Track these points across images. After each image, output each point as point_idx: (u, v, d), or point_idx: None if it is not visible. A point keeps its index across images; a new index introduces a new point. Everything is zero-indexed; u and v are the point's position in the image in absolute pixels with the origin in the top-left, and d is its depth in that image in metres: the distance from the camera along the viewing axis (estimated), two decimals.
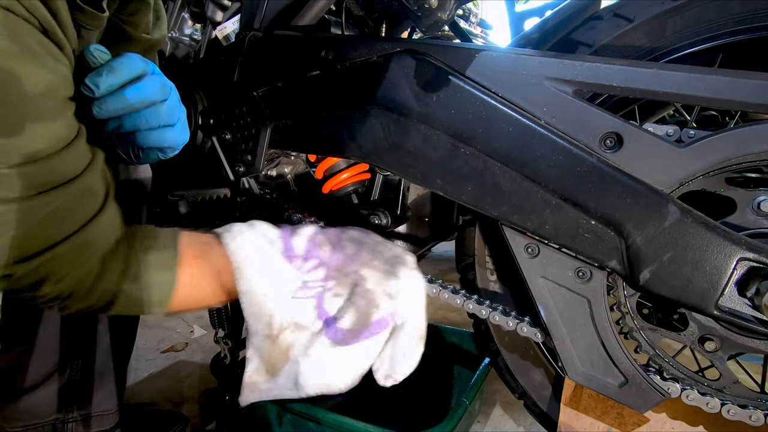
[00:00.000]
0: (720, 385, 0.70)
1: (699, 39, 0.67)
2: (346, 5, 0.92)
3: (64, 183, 0.50)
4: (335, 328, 0.61)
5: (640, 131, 0.60)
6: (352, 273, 0.63)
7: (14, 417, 0.89)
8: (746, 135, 0.58)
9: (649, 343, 0.72)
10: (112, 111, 0.61)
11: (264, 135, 0.82)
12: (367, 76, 0.72)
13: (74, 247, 0.51)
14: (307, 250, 0.64)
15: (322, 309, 0.62)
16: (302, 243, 0.65)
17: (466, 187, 0.68)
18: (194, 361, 1.41)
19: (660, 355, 0.72)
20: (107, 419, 0.95)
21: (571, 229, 0.64)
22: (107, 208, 0.55)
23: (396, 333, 0.63)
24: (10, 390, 0.89)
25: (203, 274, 0.61)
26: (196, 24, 1.08)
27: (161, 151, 0.68)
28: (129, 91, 0.60)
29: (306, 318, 0.61)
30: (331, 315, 0.62)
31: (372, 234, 0.69)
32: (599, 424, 0.77)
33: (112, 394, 0.96)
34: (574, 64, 0.62)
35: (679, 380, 0.70)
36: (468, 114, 0.66)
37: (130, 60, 0.60)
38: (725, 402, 0.66)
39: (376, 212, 0.85)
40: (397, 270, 0.64)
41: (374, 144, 0.73)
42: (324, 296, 0.62)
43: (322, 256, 0.64)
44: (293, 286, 0.62)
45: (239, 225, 0.64)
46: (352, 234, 0.68)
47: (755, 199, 0.62)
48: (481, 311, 0.77)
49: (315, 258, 0.64)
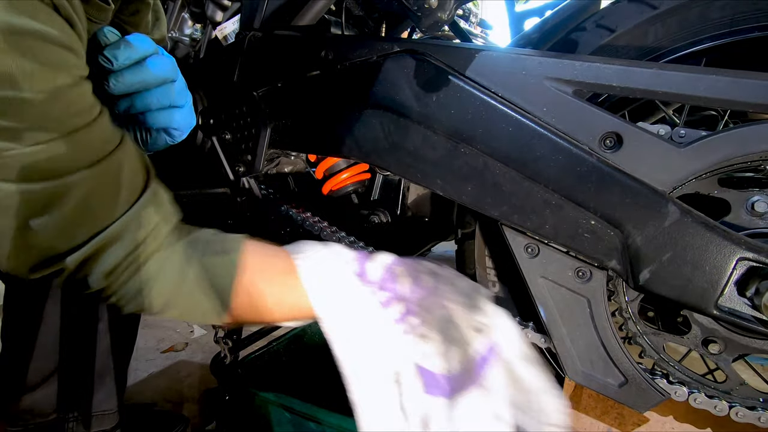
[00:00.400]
0: (727, 388, 0.69)
1: (697, 40, 0.67)
2: (346, 5, 0.92)
3: (103, 157, 0.49)
4: (435, 378, 0.52)
5: (639, 131, 0.60)
6: (438, 308, 0.55)
7: (15, 416, 0.89)
8: (746, 135, 0.58)
9: (653, 347, 0.71)
10: (129, 84, 0.61)
11: (264, 135, 0.82)
12: (367, 76, 0.72)
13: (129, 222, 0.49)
14: (383, 279, 0.57)
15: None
16: (377, 271, 0.57)
17: (466, 187, 0.68)
18: (194, 361, 1.41)
19: (665, 359, 0.72)
20: (107, 419, 0.95)
21: (570, 229, 0.64)
22: (151, 186, 0.53)
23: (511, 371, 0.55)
24: (10, 390, 0.89)
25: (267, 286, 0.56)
26: (196, 24, 1.08)
27: (168, 134, 0.68)
28: (147, 64, 0.61)
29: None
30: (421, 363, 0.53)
31: (444, 265, 0.62)
32: (599, 424, 0.77)
33: (112, 394, 0.96)
34: (574, 64, 0.62)
35: (685, 384, 0.69)
36: (468, 114, 0.66)
37: (143, 38, 0.61)
38: (733, 404, 0.65)
39: (376, 212, 0.85)
40: (478, 302, 0.57)
41: (374, 144, 0.73)
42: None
43: (399, 290, 0.56)
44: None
45: (311, 242, 0.59)
46: (428, 265, 0.61)
47: (749, 199, 0.62)
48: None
49: (390, 291, 0.56)
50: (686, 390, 0.67)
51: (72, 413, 0.92)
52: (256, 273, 0.56)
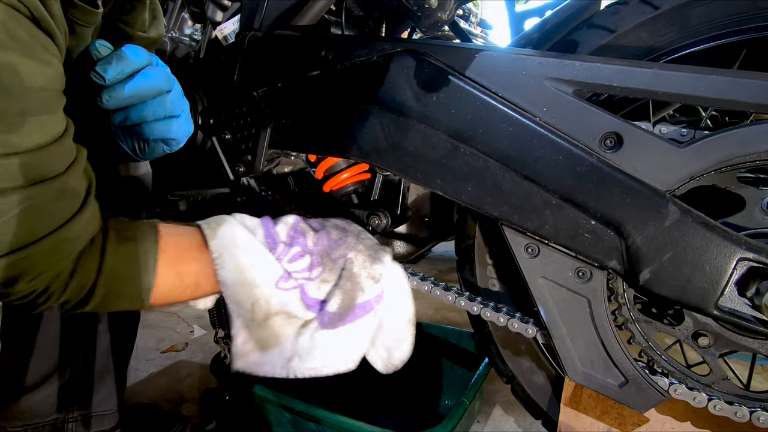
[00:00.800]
0: (709, 381, 0.70)
1: (697, 40, 0.67)
2: (346, 5, 0.92)
3: (47, 179, 0.48)
4: (324, 312, 0.62)
5: (640, 131, 0.60)
6: (340, 257, 0.64)
7: (15, 416, 0.89)
8: (746, 135, 0.58)
9: (642, 335, 0.72)
10: (122, 99, 0.60)
11: (264, 135, 0.82)
12: (367, 76, 0.72)
13: (51, 246, 0.50)
14: (291, 236, 0.64)
15: (309, 298, 0.63)
16: (284, 230, 0.65)
17: (466, 187, 0.68)
18: (194, 361, 1.41)
19: (652, 347, 0.72)
20: (107, 419, 0.96)
21: (571, 229, 0.64)
22: (87, 208, 0.54)
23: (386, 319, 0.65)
24: (10, 390, 0.89)
25: (184, 265, 0.60)
26: (196, 24, 1.08)
27: (166, 143, 0.68)
28: (139, 77, 0.60)
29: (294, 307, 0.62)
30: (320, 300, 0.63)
31: (353, 223, 0.71)
32: (599, 424, 0.77)
33: (112, 394, 0.96)
34: (574, 64, 0.62)
35: (669, 374, 0.70)
36: (468, 114, 0.66)
37: (136, 50, 0.60)
38: (712, 397, 0.66)
39: (376, 212, 0.85)
40: (380, 255, 0.65)
41: (374, 144, 0.73)
42: (308, 286, 0.63)
43: (306, 243, 0.64)
44: (275, 276, 0.61)
45: (219, 216, 0.64)
46: (335, 222, 0.70)
47: (764, 198, 0.62)
48: (473, 308, 0.77)
49: (299, 245, 0.64)
50: (668, 380, 0.68)
51: (72, 413, 0.92)
52: (174, 257, 0.59)
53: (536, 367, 0.87)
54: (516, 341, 0.87)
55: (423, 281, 0.77)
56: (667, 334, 0.71)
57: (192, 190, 0.94)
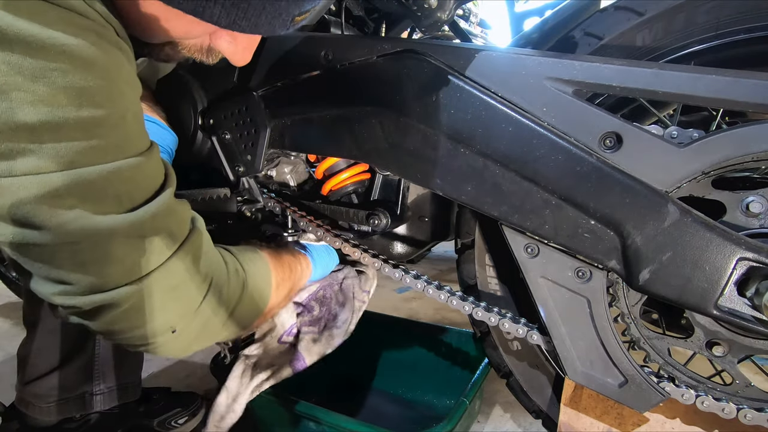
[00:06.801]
0: (733, 390, 0.69)
1: (698, 40, 0.67)
2: (346, 5, 0.92)
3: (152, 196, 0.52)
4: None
5: (639, 131, 0.60)
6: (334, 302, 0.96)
7: (45, 393, 0.94)
8: (746, 135, 0.57)
9: (657, 352, 0.71)
10: None
11: (264, 135, 0.82)
12: (367, 76, 0.72)
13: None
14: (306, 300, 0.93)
15: None
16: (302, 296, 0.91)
17: (465, 187, 0.68)
18: (194, 361, 1.41)
19: (670, 363, 0.71)
20: (131, 391, 1.01)
21: (570, 229, 0.64)
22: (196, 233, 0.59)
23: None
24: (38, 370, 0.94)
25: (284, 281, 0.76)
26: None
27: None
28: None
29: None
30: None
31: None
32: (599, 424, 0.76)
33: (133, 368, 1.03)
34: (574, 64, 0.61)
35: (692, 387, 0.68)
36: (468, 114, 0.66)
37: None
38: (741, 407, 0.65)
39: (375, 212, 0.85)
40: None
41: (374, 144, 0.73)
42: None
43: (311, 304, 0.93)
44: None
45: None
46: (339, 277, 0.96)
47: (743, 200, 0.61)
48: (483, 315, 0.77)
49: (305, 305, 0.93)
50: (693, 393, 0.66)
51: (99, 386, 0.97)
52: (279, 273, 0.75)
53: (536, 367, 0.87)
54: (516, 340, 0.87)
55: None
56: (681, 347, 0.69)
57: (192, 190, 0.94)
